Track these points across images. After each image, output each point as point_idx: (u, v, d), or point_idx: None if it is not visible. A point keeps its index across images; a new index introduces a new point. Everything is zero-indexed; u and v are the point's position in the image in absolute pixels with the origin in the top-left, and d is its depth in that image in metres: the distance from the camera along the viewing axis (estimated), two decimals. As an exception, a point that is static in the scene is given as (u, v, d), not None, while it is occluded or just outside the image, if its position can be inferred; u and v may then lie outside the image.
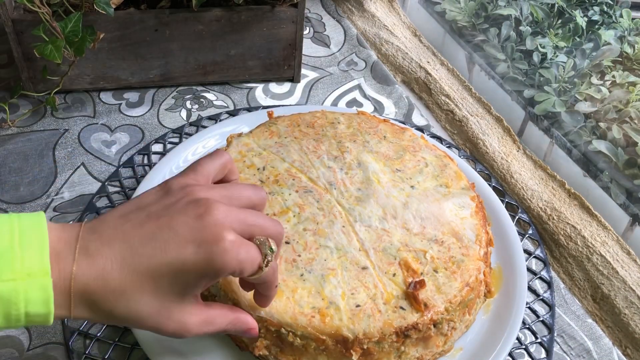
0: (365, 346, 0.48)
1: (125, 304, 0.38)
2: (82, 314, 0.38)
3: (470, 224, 0.57)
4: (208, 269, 0.38)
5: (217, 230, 0.38)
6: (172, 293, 0.39)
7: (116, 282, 0.37)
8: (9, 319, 0.35)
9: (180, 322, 0.40)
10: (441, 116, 0.82)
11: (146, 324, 0.39)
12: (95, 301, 0.37)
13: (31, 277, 0.35)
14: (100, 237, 0.38)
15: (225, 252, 0.38)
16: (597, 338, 0.59)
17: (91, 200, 0.65)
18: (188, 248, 0.38)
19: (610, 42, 0.81)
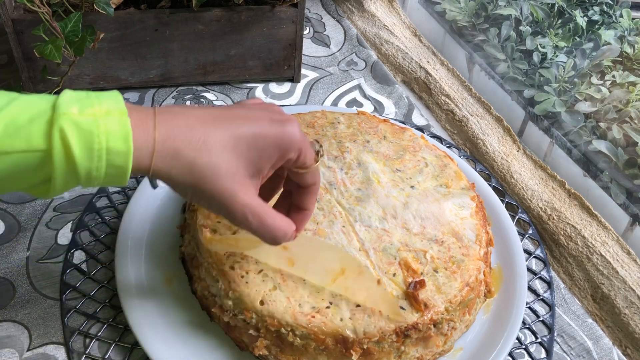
0: (365, 346, 0.48)
1: (208, 155, 0.39)
2: (164, 166, 0.38)
3: (470, 224, 0.57)
4: (283, 138, 0.41)
5: (285, 115, 0.43)
6: (248, 162, 0.41)
7: (200, 132, 0.39)
8: (92, 154, 0.35)
9: (249, 201, 0.41)
10: (441, 116, 0.82)
11: (221, 185, 0.40)
12: (180, 149, 0.38)
13: (109, 115, 0.36)
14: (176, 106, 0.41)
15: (294, 131, 0.42)
16: (597, 338, 0.59)
17: (91, 200, 0.65)
18: (264, 122, 0.41)
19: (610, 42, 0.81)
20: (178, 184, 0.40)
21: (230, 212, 0.41)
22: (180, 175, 0.39)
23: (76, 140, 0.35)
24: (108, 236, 0.62)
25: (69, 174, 0.36)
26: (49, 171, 0.36)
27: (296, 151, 0.43)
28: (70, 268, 0.59)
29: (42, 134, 0.35)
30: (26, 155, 0.35)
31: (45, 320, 0.55)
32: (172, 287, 0.56)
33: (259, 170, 0.42)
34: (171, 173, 0.39)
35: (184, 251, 0.57)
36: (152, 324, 0.53)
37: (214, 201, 0.41)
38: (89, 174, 0.36)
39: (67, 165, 0.35)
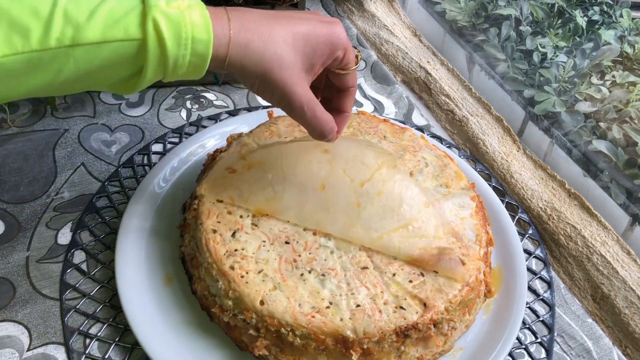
0: (365, 346, 0.48)
1: (273, 47, 0.44)
2: (237, 55, 0.43)
3: (470, 224, 0.57)
4: (333, 36, 0.47)
5: (333, 19, 0.49)
6: (303, 56, 0.46)
7: (265, 27, 0.44)
8: (179, 43, 0.40)
9: (306, 91, 0.47)
10: (441, 116, 0.82)
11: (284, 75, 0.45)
12: (251, 41, 0.43)
13: (192, 8, 0.40)
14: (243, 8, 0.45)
15: (341, 31, 0.48)
16: (597, 338, 0.59)
17: (91, 200, 0.65)
18: (315, 23, 0.47)
19: (610, 42, 0.81)
20: (248, 73, 0.44)
21: (289, 101, 0.46)
22: (251, 65, 0.44)
23: (167, 29, 0.39)
24: (108, 236, 0.62)
25: (160, 62, 0.40)
26: (142, 60, 0.40)
27: (343, 50, 0.48)
28: (70, 268, 0.59)
29: (137, 24, 0.39)
30: (124, 44, 0.38)
31: (45, 320, 0.55)
32: (172, 287, 0.56)
33: (313, 65, 0.47)
34: (244, 62, 0.43)
35: (184, 251, 0.57)
36: (152, 324, 0.53)
37: (277, 90, 0.46)
38: (175, 61, 0.40)
39: (160, 51, 0.39)
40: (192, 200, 0.59)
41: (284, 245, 0.53)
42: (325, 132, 0.50)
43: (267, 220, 0.55)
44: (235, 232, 0.54)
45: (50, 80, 0.39)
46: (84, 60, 0.38)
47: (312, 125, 0.49)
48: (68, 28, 0.37)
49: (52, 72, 0.38)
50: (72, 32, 0.37)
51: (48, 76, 0.38)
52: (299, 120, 0.49)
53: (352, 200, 0.55)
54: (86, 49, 0.38)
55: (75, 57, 0.38)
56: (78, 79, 0.40)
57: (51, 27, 0.37)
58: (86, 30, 0.38)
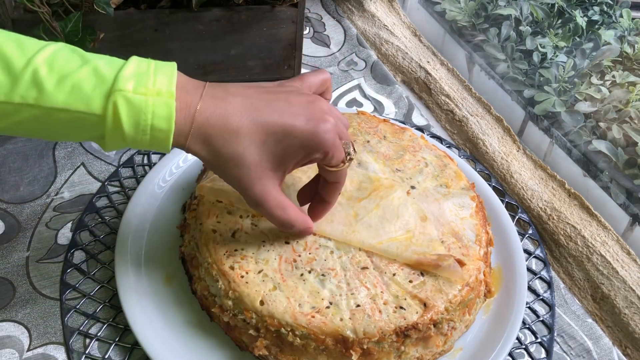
0: (365, 346, 0.48)
1: (235, 146, 0.44)
2: (195, 147, 0.43)
3: (470, 224, 0.57)
4: (311, 140, 0.45)
5: (324, 115, 0.46)
6: (273, 156, 0.45)
7: (234, 124, 0.43)
8: (138, 128, 0.41)
9: (265, 191, 0.46)
10: (441, 116, 0.82)
11: (240, 173, 0.45)
12: (211, 136, 0.43)
13: (159, 96, 0.41)
14: (226, 89, 0.45)
15: (327, 132, 0.45)
16: (597, 338, 0.59)
17: (91, 200, 0.65)
18: (300, 119, 0.45)
19: (610, 42, 0.81)
20: (208, 163, 0.45)
21: (246, 198, 0.47)
22: (208, 157, 0.44)
23: (126, 114, 0.40)
24: (108, 236, 0.62)
25: (118, 139, 0.42)
26: (102, 132, 0.41)
27: (322, 153, 0.46)
28: (70, 268, 0.59)
29: (100, 103, 0.40)
30: (85, 115, 0.40)
31: (45, 320, 0.55)
32: (172, 287, 0.56)
33: (283, 163, 0.46)
34: (201, 153, 0.44)
35: (184, 251, 0.57)
36: (152, 324, 0.53)
37: (234, 185, 0.46)
38: (134, 141, 0.42)
39: (116, 132, 0.41)
40: (192, 200, 0.59)
41: (283, 245, 0.53)
42: (287, 229, 0.49)
43: (267, 220, 0.55)
44: (235, 232, 0.54)
45: (11, 127, 0.41)
46: (44, 120, 0.40)
47: (273, 221, 0.49)
48: (33, 89, 0.39)
49: (13, 122, 0.41)
50: (36, 93, 0.40)
51: (9, 124, 0.41)
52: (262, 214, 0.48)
53: (349, 212, 0.55)
54: (47, 111, 0.40)
55: (36, 115, 0.40)
56: (39, 132, 0.42)
57: (18, 85, 0.39)
58: (50, 95, 0.40)
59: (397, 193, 0.57)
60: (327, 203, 0.52)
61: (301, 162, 0.47)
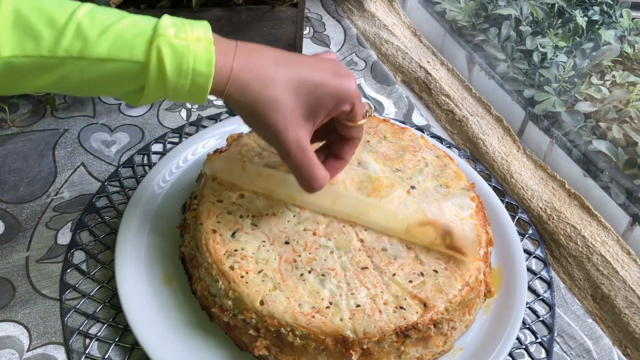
0: (365, 346, 0.48)
1: (272, 91, 0.45)
2: (234, 92, 0.44)
3: (470, 224, 0.57)
4: (342, 91, 0.47)
5: (348, 72, 0.49)
6: (305, 105, 0.46)
7: (270, 72, 0.45)
8: (180, 72, 0.42)
9: (298, 139, 0.47)
10: (441, 116, 0.82)
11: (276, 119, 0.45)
12: (249, 82, 0.44)
13: (199, 42, 0.42)
14: (257, 45, 0.47)
15: (352, 86, 0.48)
16: (597, 338, 0.59)
17: (91, 200, 0.65)
18: (328, 73, 0.47)
19: (610, 42, 0.81)
20: (243, 110, 0.46)
21: (279, 145, 0.47)
22: (246, 104, 0.45)
23: (169, 58, 0.41)
24: (108, 236, 0.62)
25: (159, 86, 0.42)
26: (143, 81, 0.42)
27: (350, 104, 0.48)
28: (70, 268, 0.59)
29: (143, 49, 0.41)
30: (128, 64, 0.41)
31: (45, 320, 0.55)
32: (172, 287, 0.56)
33: (314, 114, 0.47)
34: (240, 99, 0.45)
35: (183, 251, 0.57)
36: (152, 324, 0.53)
37: (269, 131, 0.46)
38: (175, 88, 0.42)
39: (159, 78, 0.42)
40: (192, 200, 0.59)
41: (283, 245, 0.53)
42: (311, 185, 0.49)
43: (267, 220, 0.55)
44: (235, 232, 0.54)
45: (54, 83, 0.42)
46: (88, 72, 0.41)
47: (298, 173, 0.49)
48: (78, 41, 0.40)
49: (57, 77, 0.41)
50: (80, 45, 0.40)
51: (53, 79, 0.41)
52: (287, 165, 0.49)
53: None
54: (92, 62, 0.41)
55: (80, 68, 0.41)
56: (81, 87, 0.43)
57: (62, 38, 0.40)
58: (94, 46, 0.40)
59: (397, 192, 0.57)
60: (343, 160, 0.54)
61: (330, 114, 0.48)
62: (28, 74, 0.41)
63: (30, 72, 0.40)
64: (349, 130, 0.51)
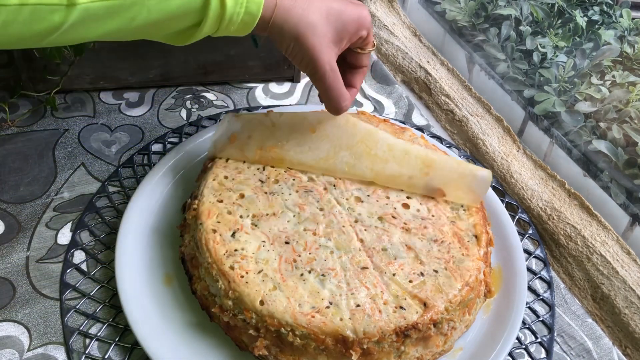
0: (365, 346, 0.48)
1: (310, 16, 0.50)
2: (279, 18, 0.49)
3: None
4: (361, 17, 0.53)
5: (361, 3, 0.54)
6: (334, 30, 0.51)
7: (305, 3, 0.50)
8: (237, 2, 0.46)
9: (331, 60, 0.52)
10: (441, 116, 0.82)
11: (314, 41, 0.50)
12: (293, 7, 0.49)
13: None
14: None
15: (368, 14, 0.54)
16: (597, 338, 0.59)
17: (91, 200, 0.65)
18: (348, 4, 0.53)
19: (610, 42, 0.81)
20: (286, 34, 0.50)
21: (315, 66, 0.52)
22: (290, 28, 0.50)
23: None
24: (108, 236, 0.62)
25: (217, 17, 0.46)
26: (203, 14, 0.45)
27: (367, 30, 0.54)
28: (70, 268, 0.59)
29: None
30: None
31: (45, 320, 0.55)
32: (172, 287, 0.56)
33: (341, 39, 0.52)
34: (284, 24, 0.49)
35: (183, 251, 0.57)
36: (152, 324, 0.53)
37: (307, 54, 0.51)
38: (230, 17, 0.46)
39: (220, 7, 0.45)
40: (192, 200, 0.59)
41: (283, 245, 0.53)
42: (340, 105, 0.55)
43: (267, 220, 0.55)
44: (235, 232, 0.54)
45: (123, 25, 0.44)
46: (155, 11, 0.43)
47: (329, 94, 0.54)
48: None
49: (127, 19, 0.43)
50: None
51: (123, 22, 0.43)
52: (320, 87, 0.54)
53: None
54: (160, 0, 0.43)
55: (149, 7, 0.43)
56: (145, 27, 0.45)
57: None
58: None
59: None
60: (355, 89, 0.58)
61: (350, 40, 0.53)
62: (101, 18, 0.42)
63: (103, 16, 0.42)
64: (360, 58, 0.56)
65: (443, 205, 0.59)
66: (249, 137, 0.60)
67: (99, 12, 0.42)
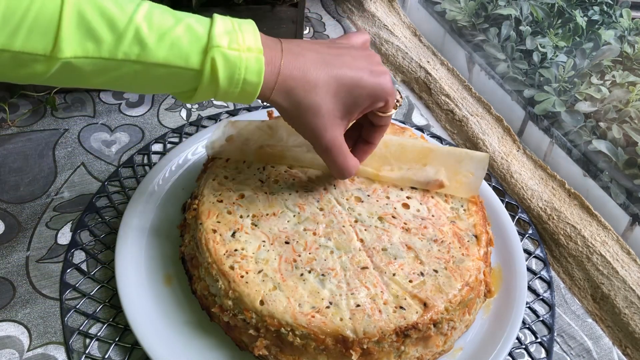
0: (365, 346, 0.48)
1: (313, 96, 0.48)
2: (278, 98, 0.47)
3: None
4: (378, 90, 0.50)
5: (382, 67, 0.51)
6: (343, 106, 0.49)
7: (312, 77, 0.48)
8: (231, 82, 0.44)
9: (334, 137, 0.50)
10: (441, 116, 0.82)
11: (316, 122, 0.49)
12: (293, 88, 0.47)
13: (250, 51, 0.45)
14: (299, 45, 0.49)
15: (388, 82, 0.51)
16: (597, 338, 0.59)
17: (91, 200, 0.65)
18: (365, 72, 0.50)
19: (610, 42, 0.81)
20: (286, 113, 0.49)
21: (316, 144, 0.51)
22: (289, 108, 0.48)
23: (222, 69, 0.44)
24: (108, 236, 0.62)
25: (210, 91, 0.45)
26: (196, 85, 0.45)
27: (384, 101, 0.51)
28: (70, 268, 0.59)
29: (198, 59, 0.43)
30: (183, 70, 0.43)
31: (45, 320, 0.55)
32: (172, 287, 0.56)
33: (351, 113, 0.50)
34: (283, 104, 0.48)
35: (183, 251, 0.57)
36: (152, 324, 0.53)
37: (307, 132, 0.50)
38: (225, 94, 0.45)
39: (211, 85, 0.44)
40: (192, 200, 0.59)
41: (283, 245, 0.53)
42: (345, 174, 0.53)
43: (267, 220, 0.55)
44: (235, 232, 0.54)
45: (110, 81, 0.43)
46: (143, 75, 0.43)
47: (333, 167, 0.53)
48: (136, 46, 0.42)
49: (113, 77, 0.43)
50: (139, 50, 0.42)
51: (108, 79, 0.43)
52: (323, 159, 0.52)
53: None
54: (148, 66, 0.43)
55: (136, 70, 0.43)
56: (136, 86, 0.45)
57: (122, 42, 0.41)
58: (152, 51, 0.42)
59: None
60: (372, 145, 0.57)
61: (364, 111, 0.51)
62: (86, 74, 0.42)
63: (88, 72, 0.42)
64: (380, 119, 0.54)
65: (443, 205, 0.59)
66: (247, 139, 0.60)
67: (83, 67, 0.41)
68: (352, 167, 0.53)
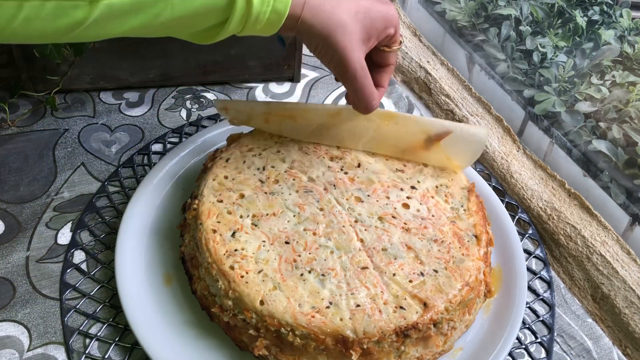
0: (365, 346, 0.48)
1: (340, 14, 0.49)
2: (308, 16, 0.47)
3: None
4: (389, 15, 0.52)
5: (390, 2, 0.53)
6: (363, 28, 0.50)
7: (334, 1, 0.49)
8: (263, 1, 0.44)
9: (361, 59, 0.51)
10: (441, 116, 0.82)
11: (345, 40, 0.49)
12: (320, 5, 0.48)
13: None
14: None
15: (395, 12, 0.53)
16: (597, 338, 0.59)
17: (91, 200, 0.65)
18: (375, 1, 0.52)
19: (610, 42, 0.81)
20: (315, 34, 0.49)
21: (345, 65, 0.51)
22: (319, 26, 0.48)
23: None
24: (108, 236, 0.62)
25: (243, 16, 0.45)
26: (229, 13, 0.44)
27: (394, 27, 0.53)
28: (70, 268, 0.59)
29: None
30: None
31: (45, 320, 0.55)
32: (172, 287, 0.56)
33: (370, 37, 0.51)
34: (313, 23, 0.48)
35: (183, 251, 0.57)
36: (152, 324, 0.53)
37: (337, 54, 0.50)
38: (257, 16, 0.45)
39: (246, 6, 0.44)
40: (192, 200, 0.59)
41: (283, 245, 0.53)
42: (370, 104, 0.54)
43: (267, 220, 0.55)
44: (235, 232, 0.54)
45: (147, 22, 0.43)
46: (179, 8, 0.43)
47: (360, 93, 0.53)
48: None
49: (151, 15, 0.42)
50: None
51: (147, 18, 0.43)
52: (350, 87, 0.53)
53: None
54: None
55: (173, 4, 0.42)
56: (169, 24, 0.44)
57: None
58: None
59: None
60: (382, 87, 0.57)
61: (380, 37, 0.52)
62: (125, 15, 0.42)
63: (127, 12, 0.42)
64: (387, 57, 0.55)
65: (443, 205, 0.59)
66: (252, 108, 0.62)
67: (122, 8, 0.41)
68: (377, 97, 0.54)
